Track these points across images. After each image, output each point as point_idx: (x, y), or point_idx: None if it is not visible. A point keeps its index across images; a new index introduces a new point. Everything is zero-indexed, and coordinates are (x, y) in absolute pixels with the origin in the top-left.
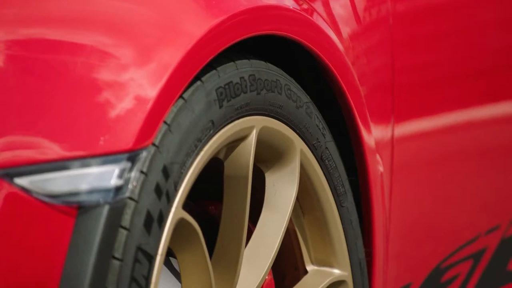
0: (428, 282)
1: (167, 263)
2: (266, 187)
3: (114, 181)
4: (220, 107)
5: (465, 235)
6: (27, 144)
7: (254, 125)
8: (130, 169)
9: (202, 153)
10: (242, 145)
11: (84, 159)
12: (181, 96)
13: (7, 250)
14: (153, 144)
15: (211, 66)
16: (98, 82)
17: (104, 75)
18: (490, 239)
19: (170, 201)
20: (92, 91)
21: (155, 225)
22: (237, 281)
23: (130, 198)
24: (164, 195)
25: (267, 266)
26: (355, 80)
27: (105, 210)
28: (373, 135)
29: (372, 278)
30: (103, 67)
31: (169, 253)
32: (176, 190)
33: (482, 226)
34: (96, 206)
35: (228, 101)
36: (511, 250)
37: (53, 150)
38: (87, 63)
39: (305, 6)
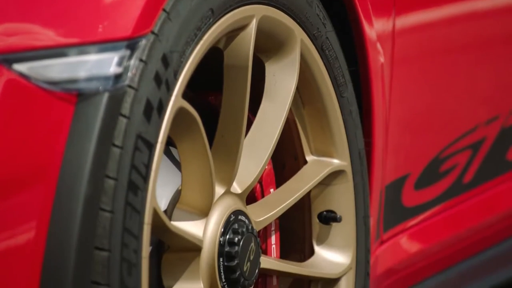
0: (427, 172)
1: (167, 152)
2: (266, 77)
3: (113, 69)
4: None
5: (464, 125)
6: (26, 30)
7: (254, 14)
8: (129, 57)
9: (201, 42)
10: (242, 34)
11: (82, 46)
12: None
13: (7, 136)
14: (152, 32)
15: None
16: None
17: None
18: (489, 129)
19: (169, 89)
20: None
21: (154, 113)
22: (237, 170)
23: (130, 86)
24: (164, 83)
25: (266, 156)
26: None
27: (105, 97)
28: (374, 27)
29: (371, 168)
30: None
31: (169, 142)
32: (175, 79)
33: (481, 117)
34: (96, 93)
35: None
36: (510, 139)
37: (51, 36)
38: None
39: None
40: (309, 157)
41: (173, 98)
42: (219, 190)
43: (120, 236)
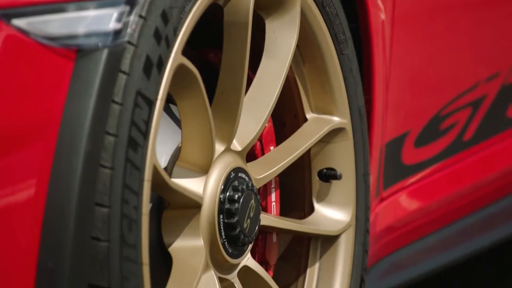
0: (427, 129)
1: (167, 109)
2: (266, 35)
3: (112, 25)
4: None
5: (465, 83)
6: None
7: None
8: (129, 13)
9: None
10: None
11: (81, 2)
12: None
13: (6, 92)
14: None
15: None
16: None
17: None
18: (490, 86)
19: (169, 46)
20: None
21: (154, 70)
22: (237, 128)
23: (129, 43)
24: (164, 40)
25: (266, 114)
26: None
27: (104, 53)
28: None
29: (371, 125)
30: None
31: (170, 100)
32: (175, 35)
33: (482, 74)
34: (95, 49)
35: None
36: (510, 97)
37: None
38: None
39: None
40: (309, 115)
41: (173, 54)
42: (219, 147)
43: (120, 193)
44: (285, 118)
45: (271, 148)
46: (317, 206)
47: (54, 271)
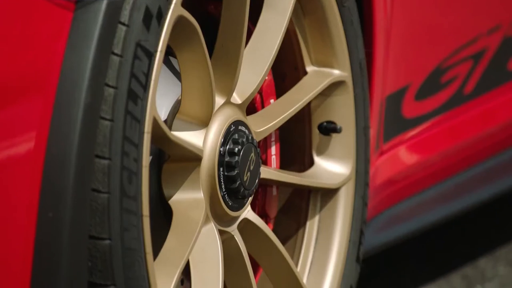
0: (428, 83)
1: (167, 62)
2: None
3: None
4: None
5: (466, 35)
6: None
7: None
8: None
9: None
10: None
11: None
12: None
13: (6, 43)
14: None
15: None
16: None
17: None
18: (491, 39)
19: None
20: None
21: (154, 21)
22: (236, 80)
23: None
24: None
25: (266, 67)
26: None
27: (103, 4)
28: None
29: (372, 78)
30: None
31: (169, 52)
32: None
33: (483, 27)
34: (94, 1)
35: None
36: (511, 50)
37: None
38: None
39: None
40: (309, 68)
41: (172, 6)
42: (219, 100)
43: (120, 145)
44: (285, 71)
45: (271, 101)
46: (317, 159)
47: (55, 221)
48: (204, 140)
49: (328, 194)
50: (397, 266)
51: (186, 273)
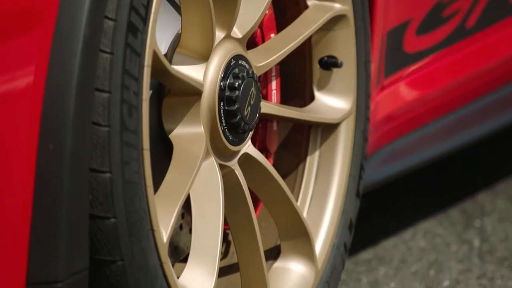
0: (429, 17)
1: None
2: None
3: None
4: None
5: None
6: None
7: None
8: None
9: None
10: None
11: None
12: None
13: None
14: None
15: None
16: None
17: None
18: None
19: None
20: None
21: None
22: (237, 14)
23: None
24: None
25: (267, 0)
26: None
27: None
28: None
29: (373, 13)
30: None
31: None
32: None
33: None
34: None
35: None
36: None
37: None
38: None
39: None
40: (310, 2)
41: None
42: (219, 34)
43: (120, 78)
44: (286, 5)
45: (272, 35)
46: (317, 94)
47: (55, 153)
48: (204, 74)
49: (328, 129)
50: (396, 201)
51: (186, 207)
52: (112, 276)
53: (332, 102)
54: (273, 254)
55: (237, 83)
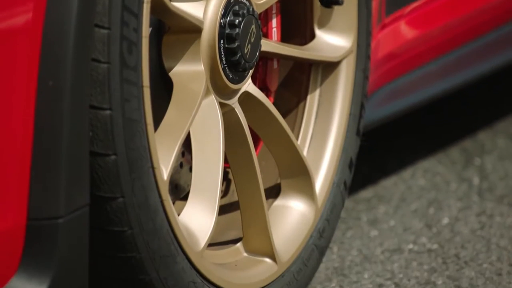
0: None
1: None
2: None
3: None
4: None
5: None
6: None
7: None
8: None
9: None
10: None
11: None
12: None
13: None
14: None
15: None
16: None
17: None
18: None
19: None
20: None
21: None
22: None
23: None
24: None
25: None
26: None
27: None
28: None
29: None
30: None
31: None
32: None
33: None
34: None
35: None
36: None
37: None
38: None
39: None
40: None
41: None
42: None
43: (120, 14)
44: None
45: None
46: (318, 32)
47: (55, 90)
48: (204, 11)
49: (329, 67)
50: (397, 140)
51: (186, 145)
52: (113, 213)
53: (332, 40)
54: (273, 192)
55: (237, 21)
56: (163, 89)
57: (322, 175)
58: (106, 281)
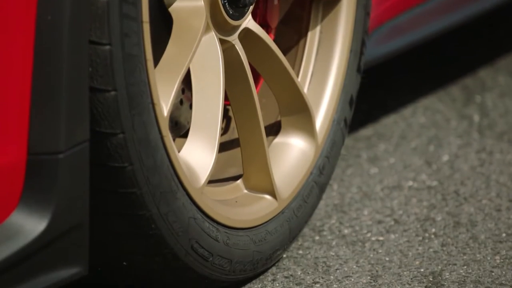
0: None
1: None
2: None
3: None
4: None
5: None
6: None
7: None
8: None
9: None
10: None
11: None
12: None
13: None
14: None
15: None
16: None
17: None
18: None
19: None
20: None
21: None
22: None
23: None
24: None
25: None
26: None
27: None
28: None
29: None
30: None
31: None
32: None
33: None
34: None
35: None
36: None
37: None
38: None
39: None
40: None
41: None
42: None
43: None
44: None
45: None
46: None
47: (53, 24)
48: None
49: (330, 3)
50: (397, 78)
51: (186, 82)
52: (113, 149)
53: None
54: (274, 129)
55: None
56: (163, 25)
57: (323, 112)
58: (107, 216)
